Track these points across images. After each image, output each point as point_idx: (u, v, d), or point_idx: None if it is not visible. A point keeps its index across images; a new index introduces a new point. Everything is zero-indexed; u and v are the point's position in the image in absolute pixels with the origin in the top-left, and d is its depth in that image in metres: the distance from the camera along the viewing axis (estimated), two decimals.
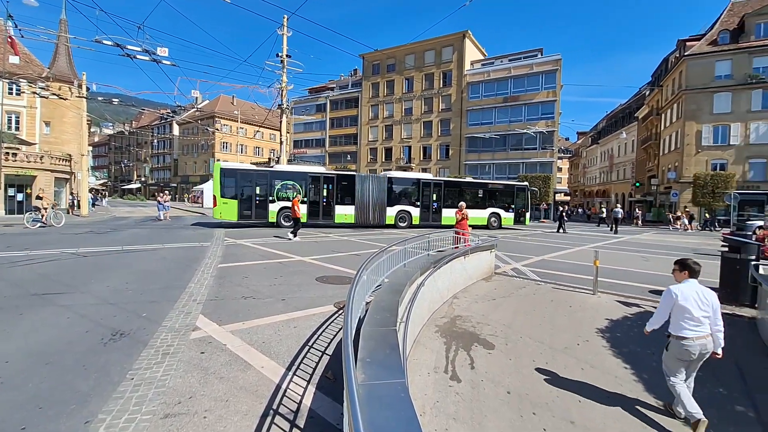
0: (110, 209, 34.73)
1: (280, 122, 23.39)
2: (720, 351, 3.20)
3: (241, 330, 4.66)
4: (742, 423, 3.13)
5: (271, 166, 22.60)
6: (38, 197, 17.91)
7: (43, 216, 16.51)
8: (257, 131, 61.01)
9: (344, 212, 20.47)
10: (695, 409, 2.96)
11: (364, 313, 3.57)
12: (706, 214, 30.99)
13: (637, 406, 3.32)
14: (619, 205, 32.22)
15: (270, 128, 65.01)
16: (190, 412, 2.87)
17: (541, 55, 43.70)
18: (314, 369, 3.68)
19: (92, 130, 77.91)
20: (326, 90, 60.06)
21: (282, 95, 22.95)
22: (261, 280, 7.40)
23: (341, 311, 5.48)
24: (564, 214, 23.14)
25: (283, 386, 3.32)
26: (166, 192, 26.85)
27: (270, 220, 18.92)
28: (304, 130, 60.83)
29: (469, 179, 26.08)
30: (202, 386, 3.27)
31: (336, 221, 20.35)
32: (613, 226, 23.82)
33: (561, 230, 22.28)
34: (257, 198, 18.92)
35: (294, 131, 60.75)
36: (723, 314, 6.20)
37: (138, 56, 14.32)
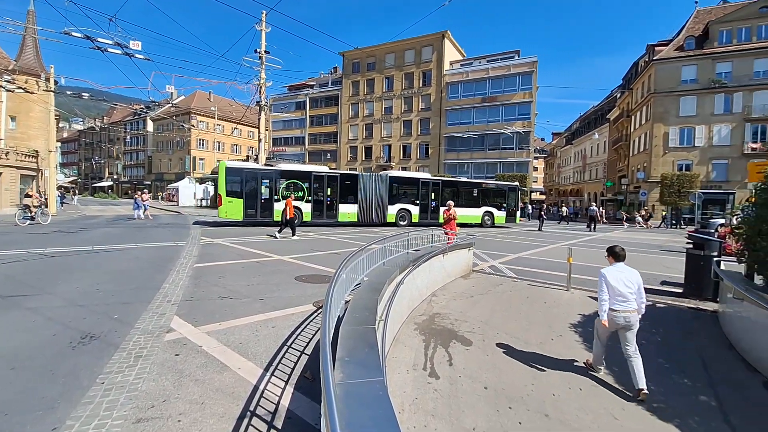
0: (80, 208, 33.32)
1: (259, 119, 23.00)
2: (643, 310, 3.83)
3: (218, 331, 4.57)
4: (706, 412, 3.30)
5: (271, 165, 22.24)
6: (27, 195, 18.11)
7: (32, 214, 16.84)
8: (235, 128, 59.74)
9: (347, 211, 20.69)
10: (600, 364, 3.97)
11: (343, 311, 3.57)
12: (663, 212, 32.42)
13: (608, 398, 3.44)
14: (594, 204, 33.36)
15: (248, 125, 63.79)
16: (163, 416, 2.80)
17: (518, 56, 44.57)
18: (292, 369, 3.65)
19: (61, 125, 74.57)
20: (306, 87, 59.39)
21: (260, 92, 22.57)
22: (238, 279, 7.27)
23: (320, 310, 5.45)
24: (543, 212, 23.89)
25: (261, 387, 3.28)
26: (146, 191, 25.98)
27: (275, 219, 18.64)
28: (283, 127, 60.04)
29: (463, 179, 26.60)
30: (176, 389, 3.20)
31: (339, 220, 20.54)
32: (591, 224, 24.87)
33: (540, 228, 22.97)
34: (262, 197, 18.85)
35: (273, 129, 59.88)
36: (688, 308, 6.52)
37: (109, 49, 13.76)
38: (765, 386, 3.80)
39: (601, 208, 35.99)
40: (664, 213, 32.19)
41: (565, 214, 35.17)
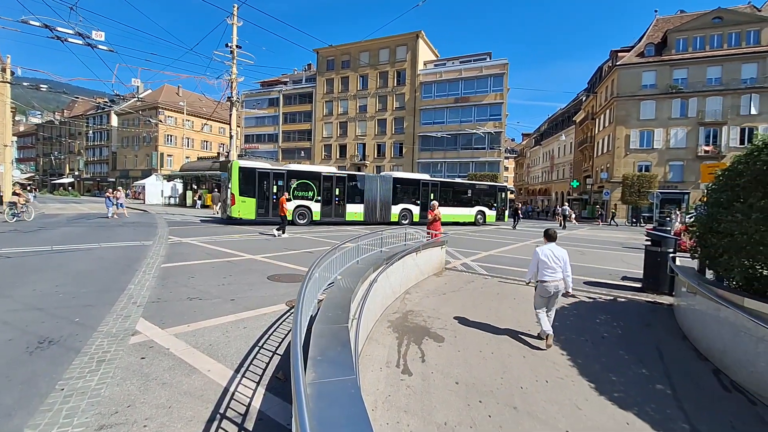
0: (38, 205, 31.41)
1: (230, 115, 22.45)
2: (570, 289, 4.85)
3: (186, 333, 4.44)
4: (662, 400, 3.50)
5: (282, 165, 22.66)
6: (15, 193, 18.53)
7: (20, 211, 17.35)
8: (205, 124, 57.96)
9: (354, 210, 21.24)
10: (547, 328, 4.58)
11: (316, 311, 3.55)
12: (612, 211, 34.16)
13: (573, 390, 3.59)
14: (566, 204, 34.78)
15: (219, 121, 61.95)
16: (128, 422, 2.71)
17: (490, 58, 45.53)
18: (264, 370, 3.60)
19: (17, 118, 70.00)
20: (279, 84, 58.38)
21: (232, 87, 22.02)
22: (208, 279, 7.08)
23: (293, 310, 5.39)
24: (518, 210, 24.79)
25: (231, 389, 3.22)
26: (120, 188, 24.76)
27: (288, 218, 18.57)
28: (255, 124, 58.79)
29: (459, 180, 27.89)
30: (142, 393, 3.09)
31: (347, 219, 21.01)
32: (562, 222, 26.74)
33: (514, 227, 23.87)
34: (274, 196, 18.94)
35: (245, 125, 58.49)
36: (646, 302, 6.87)
37: (70, 39, 13.07)
38: (715, 374, 4.08)
39: (558, 207, 37.43)
40: (613, 212, 33.91)
41: (567, 213, 32.93)
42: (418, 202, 23.25)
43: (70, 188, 68.09)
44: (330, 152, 52.25)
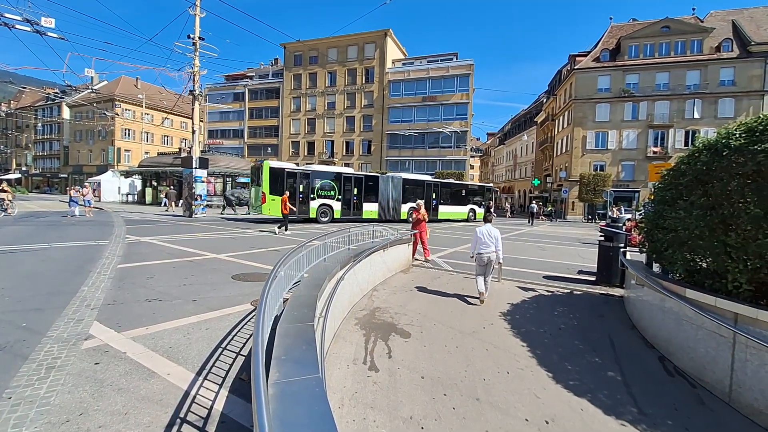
0: None
1: (193, 110, 21.50)
2: (501, 260, 6.52)
3: (145, 336, 4.25)
4: (613, 386, 3.72)
5: (307, 166, 23.66)
6: (2, 190, 18.95)
7: (7, 207, 18.19)
8: (165, 118, 55.36)
9: (370, 209, 22.66)
10: (481, 288, 6.16)
11: (281, 310, 3.50)
12: (550, 209, 36.16)
13: (532, 380, 3.75)
14: (534, 202, 36.34)
15: (181, 115, 59.46)
16: (80, 430, 2.56)
17: (456, 59, 46.32)
18: (227, 372, 3.52)
19: None
20: (245, 78, 56.65)
21: (194, 80, 21.10)
22: (169, 280, 6.80)
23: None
24: (491, 209, 25.83)
25: (193, 392, 3.12)
26: (86, 185, 23.11)
27: (311, 216, 20.46)
28: (220, 119, 56.76)
29: (452, 181, 29.91)
30: (95, 400, 2.93)
31: (363, 217, 22.29)
32: (530, 219, 29.43)
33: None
34: (300, 195, 19.99)
35: (209, 120, 56.37)
36: (600, 295, 7.25)
37: (17, 26, 12.11)
38: (660, 360, 4.38)
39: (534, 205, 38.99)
40: (551, 209, 35.99)
41: (536, 210, 34.61)
42: (430, 201, 25.50)
43: (17, 185, 63.15)
44: (298, 149, 51.40)
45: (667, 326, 4.54)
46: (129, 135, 56.28)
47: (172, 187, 32.57)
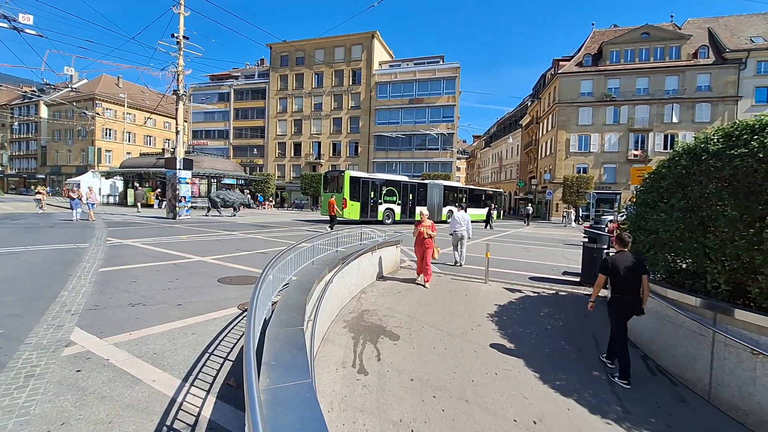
0: None
1: (176, 110, 21.12)
2: (470, 236, 9.75)
3: (128, 342, 4.15)
4: (598, 385, 3.80)
5: (375, 174, 25.90)
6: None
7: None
8: (148, 118, 54.16)
9: (420, 211, 23.33)
10: (457, 258, 9.74)
11: (270, 313, 3.47)
12: (530, 209, 36.99)
13: (519, 381, 3.80)
14: (529, 205, 37.38)
15: (164, 115, 58.34)
16: None
17: (443, 62, 46.66)
18: (215, 377, 3.46)
19: None
20: (230, 78, 55.91)
21: (178, 80, 20.73)
22: (153, 284, 6.66)
23: (246, 313, 5.22)
24: (491, 212, 26.72)
25: (179, 399, 3.06)
26: (91, 186, 22.21)
27: (378, 219, 22.77)
28: (204, 119, 55.81)
29: (476, 187, 35.85)
30: (77, 409, 2.85)
31: (416, 219, 23.42)
32: (526, 220, 31.63)
33: (488, 226, 25.00)
34: (371, 200, 22.46)
35: (193, 120, 55.38)
36: (584, 295, 7.37)
37: None
38: (643, 359, 4.49)
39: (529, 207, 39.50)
40: (531, 210, 37.15)
41: (530, 212, 36.47)
42: (457, 204, 27.67)
43: None
44: (284, 150, 50.97)
45: (649, 326, 4.65)
46: (110, 135, 54.92)
47: (139, 187, 31.95)
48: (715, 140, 4.07)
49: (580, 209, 36.56)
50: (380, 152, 46.28)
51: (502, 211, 33.80)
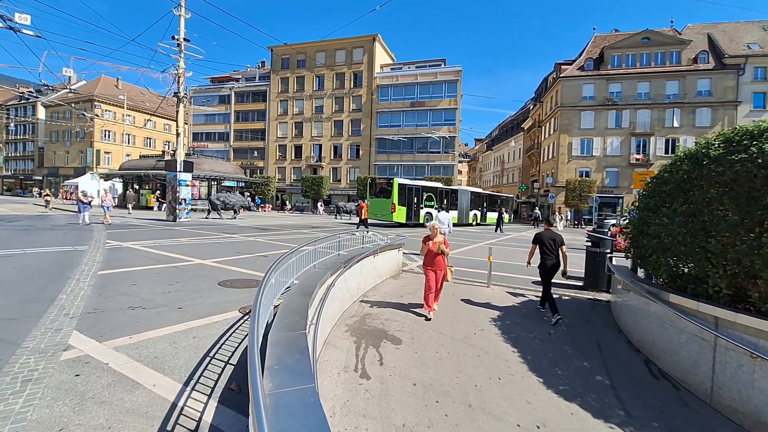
0: None
1: (177, 112, 21.20)
2: (451, 230, 10.61)
3: (128, 345, 4.13)
4: (600, 390, 3.78)
5: (420, 181, 28.67)
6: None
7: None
8: (148, 120, 54.27)
9: (452, 215, 25.54)
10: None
11: (272, 317, 3.46)
12: (538, 212, 37.48)
13: (523, 385, 3.78)
14: (537, 208, 38.17)
15: (164, 117, 58.45)
16: None
17: (445, 65, 46.80)
18: (216, 381, 3.45)
19: None
20: (231, 80, 56.14)
21: (179, 82, 20.82)
22: (153, 287, 6.65)
23: (247, 317, 5.21)
24: (502, 215, 26.91)
25: (180, 404, 3.04)
26: (106, 189, 22.13)
27: (420, 222, 24.92)
28: (205, 121, 55.99)
29: (493, 192, 39.50)
30: (76, 414, 2.83)
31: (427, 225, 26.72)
32: (535, 223, 33.18)
33: (498, 229, 25.07)
34: (414, 205, 24.53)
35: (193, 123, 55.54)
36: (587, 299, 7.35)
37: None
38: (646, 363, 4.46)
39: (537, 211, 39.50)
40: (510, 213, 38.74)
41: (539, 215, 38.03)
42: (479, 209, 31.82)
43: None
44: (285, 153, 51.06)
45: (652, 330, 4.63)
46: (109, 136, 55.01)
47: (130, 190, 31.97)
48: (716, 145, 4.06)
49: (569, 214, 37.64)
50: (381, 155, 46.34)
51: (511, 215, 35.89)
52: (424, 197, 25.51)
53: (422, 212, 25.13)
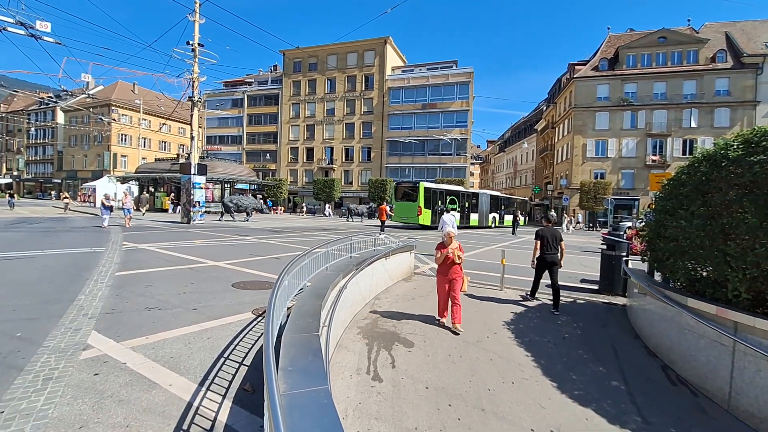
0: None
1: (191, 116, 21.60)
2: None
3: (145, 345, 4.22)
4: (617, 395, 3.71)
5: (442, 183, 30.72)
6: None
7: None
8: (163, 124, 55.33)
9: (473, 218, 28.62)
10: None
11: (285, 319, 3.49)
12: (553, 214, 37.52)
13: (537, 389, 3.74)
14: (552, 210, 37.93)
15: (179, 121, 59.57)
16: None
17: (456, 66, 46.71)
18: (231, 382, 3.49)
19: None
20: (243, 84, 56.95)
21: (193, 86, 21.22)
22: (168, 288, 6.77)
23: (260, 318, 5.27)
24: (518, 218, 26.92)
25: (195, 404, 3.09)
26: (125, 192, 22.69)
27: None
28: (218, 125, 56.90)
29: (510, 195, 39.58)
30: (95, 413, 2.90)
31: (470, 224, 28.20)
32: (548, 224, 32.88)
33: (513, 232, 25.16)
34: (438, 208, 24.96)
35: (207, 126, 56.52)
36: (602, 303, 7.25)
37: (10, 29, 12.14)
38: (663, 369, 4.37)
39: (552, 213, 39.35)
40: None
41: (553, 218, 39.76)
42: (498, 211, 32.46)
43: (8, 189, 62.84)
44: (297, 155, 51.52)
45: (669, 335, 4.53)
46: (125, 140, 56.23)
47: (145, 192, 32.52)
48: (735, 146, 3.98)
49: (580, 216, 37.51)
50: (393, 157, 46.39)
51: (525, 218, 36.35)
52: (448, 200, 26.13)
53: (444, 216, 26.02)
